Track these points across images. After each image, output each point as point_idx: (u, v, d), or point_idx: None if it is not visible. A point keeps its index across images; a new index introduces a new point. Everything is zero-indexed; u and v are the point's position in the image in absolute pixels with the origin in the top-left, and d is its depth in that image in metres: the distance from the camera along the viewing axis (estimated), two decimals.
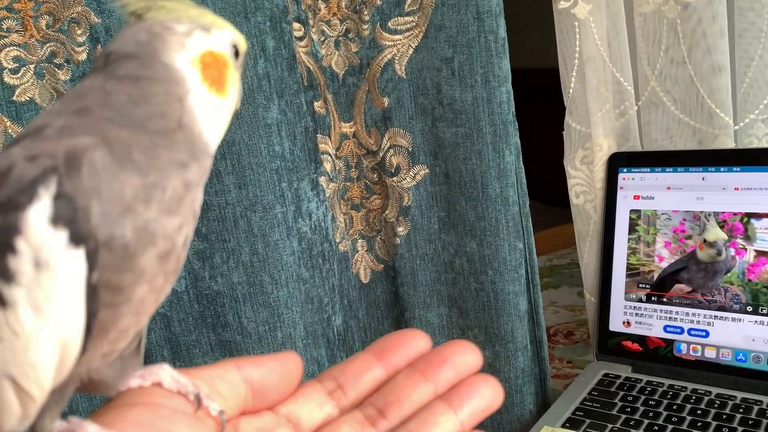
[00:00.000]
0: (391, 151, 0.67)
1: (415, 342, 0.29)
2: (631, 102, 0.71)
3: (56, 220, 0.21)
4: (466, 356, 0.28)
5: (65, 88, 0.51)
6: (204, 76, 0.25)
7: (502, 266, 0.66)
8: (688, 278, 0.67)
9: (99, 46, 0.52)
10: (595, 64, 0.69)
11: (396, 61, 0.64)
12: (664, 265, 0.69)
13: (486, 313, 0.67)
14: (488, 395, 0.27)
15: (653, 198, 0.70)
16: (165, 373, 0.27)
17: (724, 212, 0.66)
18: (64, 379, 0.23)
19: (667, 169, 0.69)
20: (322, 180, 0.63)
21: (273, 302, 0.58)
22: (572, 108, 0.71)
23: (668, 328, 0.68)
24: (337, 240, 0.67)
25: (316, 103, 0.63)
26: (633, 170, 0.71)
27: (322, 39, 0.65)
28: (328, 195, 0.65)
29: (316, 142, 0.62)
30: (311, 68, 0.63)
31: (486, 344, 0.68)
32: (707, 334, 0.65)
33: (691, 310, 0.67)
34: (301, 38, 0.61)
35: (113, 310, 0.23)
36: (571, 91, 0.71)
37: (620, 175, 0.71)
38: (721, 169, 0.66)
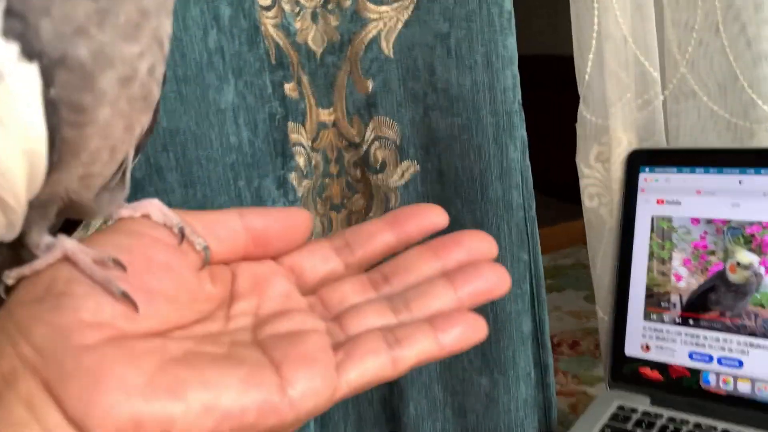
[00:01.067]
0: (376, 143, 0.57)
1: (431, 216, 0.29)
2: (656, 91, 0.61)
3: (6, 33, 0.22)
4: (482, 243, 0.29)
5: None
6: None
7: None
8: (717, 300, 0.58)
9: None
10: (615, 45, 0.59)
11: (382, 38, 0.54)
12: (682, 284, 0.59)
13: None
14: (492, 279, 0.27)
15: (680, 203, 0.60)
16: (153, 206, 0.27)
17: (752, 223, 0.56)
18: (43, 195, 0.25)
19: (698, 170, 0.59)
20: (293, 177, 0.53)
21: None
22: (587, 96, 0.62)
23: (695, 356, 0.58)
24: None
25: (286, 85, 0.53)
26: (656, 170, 0.61)
27: (296, 10, 0.55)
28: (300, 194, 0.55)
29: (286, 131, 0.52)
30: (281, 44, 0.53)
31: (483, 371, 0.59)
32: (741, 364, 0.56)
33: (722, 335, 0.57)
34: (268, 8, 0.52)
35: (78, 130, 0.24)
36: (586, 77, 0.61)
37: (641, 176, 0.62)
38: (762, 171, 0.56)
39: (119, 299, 0.24)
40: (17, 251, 0.28)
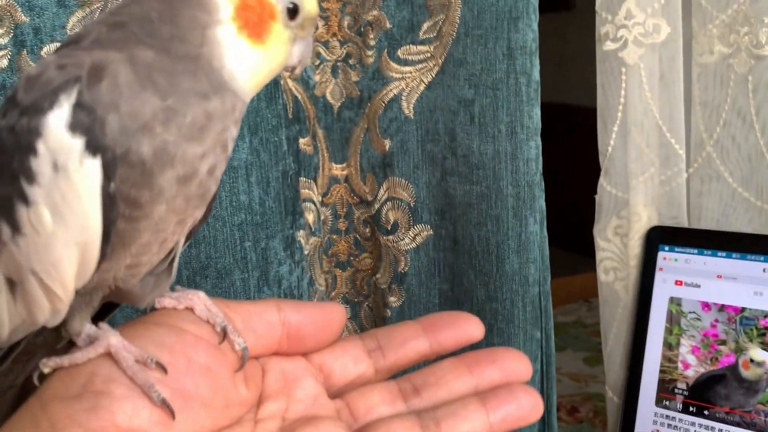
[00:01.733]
0: (389, 204, 0.55)
1: (467, 327, 0.29)
2: (680, 168, 0.59)
3: (74, 127, 0.22)
4: (517, 364, 0.28)
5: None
6: (237, 15, 0.25)
7: None
8: (727, 394, 0.55)
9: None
10: (641, 119, 0.58)
11: (403, 98, 0.52)
12: (690, 373, 0.57)
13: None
14: (526, 406, 0.26)
15: (699, 286, 0.58)
16: (199, 299, 0.27)
17: (766, 315, 0.54)
18: (90, 283, 0.25)
19: (720, 253, 0.57)
20: (300, 235, 0.51)
21: None
22: (609, 168, 0.60)
23: None
24: None
25: (301, 140, 0.51)
26: (676, 249, 0.59)
27: (316, 62, 0.53)
28: (306, 253, 0.53)
29: (297, 188, 0.50)
30: (299, 98, 0.51)
31: None
32: None
33: (735, 430, 0.54)
34: None
35: (132, 224, 0.24)
36: (609, 149, 0.59)
37: (660, 254, 0.59)
38: None
39: (157, 406, 0.23)
40: (56, 332, 0.27)
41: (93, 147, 0.22)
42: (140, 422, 0.23)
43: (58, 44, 0.40)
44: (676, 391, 0.57)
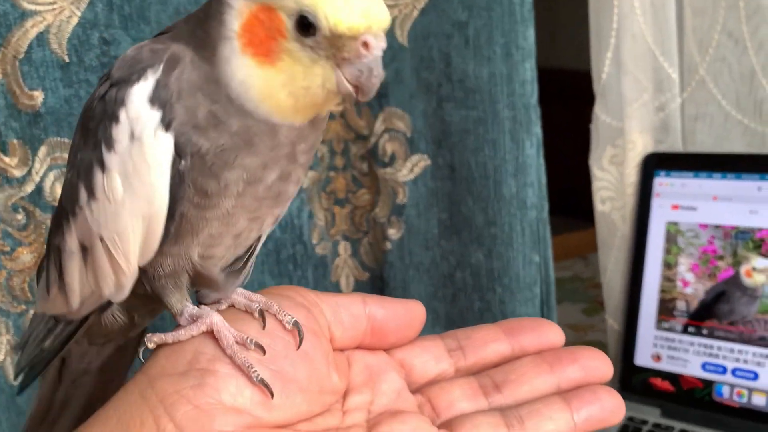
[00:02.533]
0: (386, 136, 0.55)
1: (549, 333, 0.29)
2: (674, 93, 0.59)
3: (153, 100, 0.23)
4: (599, 363, 0.28)
5: None
6: (244, 31, 0.24)
7: (514, 283, 0.54)
8: (729, 308, 0.56)
9: None
10: (634, 45, 0.58)
11: (397, 25, 0.52)
12: (690, 291, 0.57)
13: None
14: (609, 407, 0.26)
15: (695, 209, 0.58)
16: (237, 295, 0.28)
17: (761, 229, 0.54)
18: (167, 266, 0.26)
19: (715, 175, 0.57)
20: None
21: None
22: (603, 97, 0.60)
23: (708, 366, 0.56)
24: (314, 241, 0.55)
25: None
26: (672, 174, 0.59)
27: None
28: (305, 186, 0.53)
29: None
30: None
31: None
32: (756, 377, 0.54)
33: (737, 346, 0.55)
34: None
35: (201, 212, 0.25)
36: (603, 76, 0.59)
37: (656, 180, 0.60)
38: None
39: (257, 386, 0.24)
40: (130, 319, 0.28)
41: (167, 122, 0.23)
42: (243, 401, 0.24)
43: None
44: (675, 312, 0.58)
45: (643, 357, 0.59)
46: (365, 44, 0.23)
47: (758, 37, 0.56)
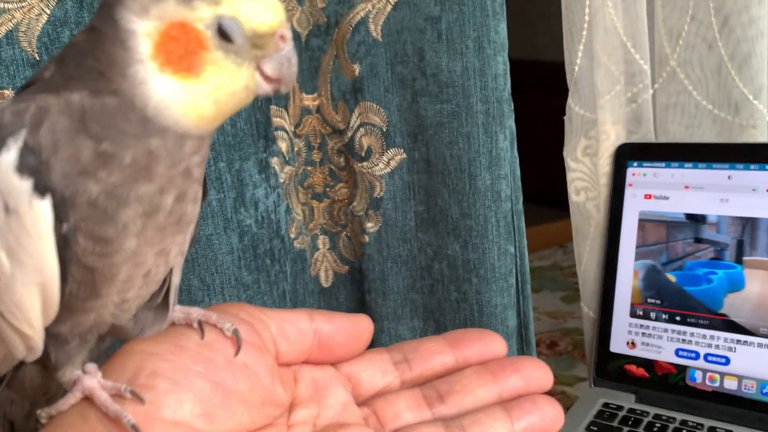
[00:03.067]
0: (362, 130, 0.55)
1: (492, 343, 0.30)
2: (646, 84, 0.60)
3: (21, 169, 0.22)
4: (540, 373, 0.28)
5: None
6: (157, 51, 0.23)
7: (490, 274, 0.55)
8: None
9: None
10: (606, 37, 0.58)
11: (370, 20, 0.52)
12: None
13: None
14: (549, 416, 0.27)
15: (668, 198, 0.59)
16: (175, 312, 0.28)
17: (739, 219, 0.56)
18: (87, 323, 0.26)
19: (686, 165, 0.59)
20: (275, 162, 0.51)
21: None
22: (576, 89, 0.61)
23: (681, 352, 0.57)
24: (293, 236, 0.55)
25: None
26: (645, 164, 0.60)
27: None
28: (282, 180, 0.53)
29: (269, 114, 0.50)
30: None
31: None
32: (727, 361, 0.55)
33: (708, 332, 0.56)
34: None
35: (107, 260, 0.24)
36: (576, 68, 0.60)
37: (629, 170, 0.61)
38: (752, 166, 0.56)
39: (130, 431, 0.24)
40: (45, 371, 0.28)
41: (41, 188, 0.23)
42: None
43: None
44: (649, 301, 0.59)
45: (618, 344, 0.60)
46: (282, 37, 0.24)
47: (727, 29, 0.57)
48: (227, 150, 0.45)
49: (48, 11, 0.41)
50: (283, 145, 0.53)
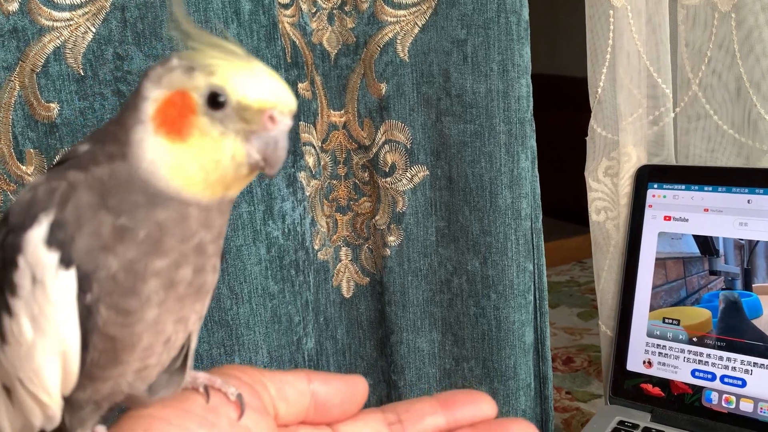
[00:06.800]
0: (386, 147, 0.57)
1: (482, 405, 0.31)
2: (668, 107, 0.61)
3: (50, 242, 0.24)
4: None
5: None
6: (158, 113, 0.25)
7: (508, 290, 0.56)
8: (722, 319, 0.58)
9: None
10: (629, 61, 0.59)
11: (398, 41, 0.54)
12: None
13: (485, 343, 0.57)
14: None
15: (687, 220, 0.60)
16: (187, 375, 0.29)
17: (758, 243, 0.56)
18: (105, 390, 0.26)
19: (706, 188, 0.59)
20: (302, 176, 0.53)
21: (231, 320, 0.48)
22: (599, 111, 0.62)
23: (697, 373, 0.58)
24: (317, 247, 0.57)
25: (300, 85, 0.53)
26: (665, 186, 0.61)
27: (313, 10, 0.55)
28: (308, 194, 0.55)
29: (297, 130, 0.52)
30: (297, 43, 0.53)
31: (483, 379, 0.58)
32: (744, 384, 0.56)
33: (725, 354, 0.57)
34: (286, 6, 0.51)
35: (129, 329, 0.25)
36: (599, 91, 0.61)
37: (650, 191, 0.62)
38: None
39: None
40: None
41: (67, 261, 0.24)
42: None
43: None
44: (666, 321, 0.60)
45: (634, 363, 0.61)
46: (271, 118, 0.24)
47: (749, 54, 0.57)
48: None
49: (93, 29, 0.43)
50: (310, 160, 0.55)
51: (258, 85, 0.24)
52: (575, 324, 1.16)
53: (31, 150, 0.44)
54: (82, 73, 0.44)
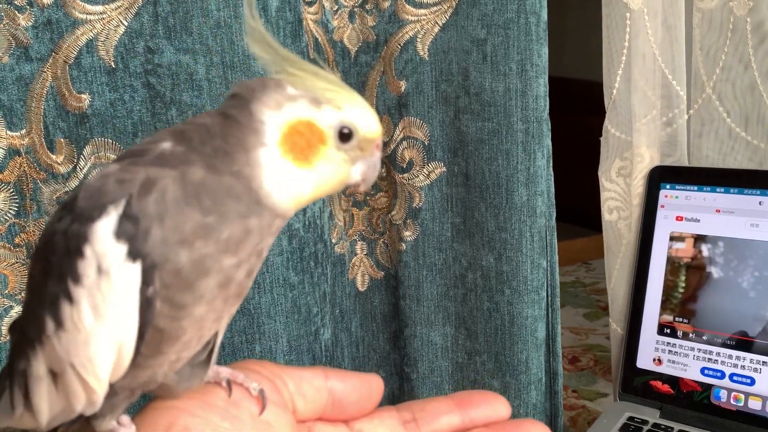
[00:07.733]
0: (404, 143, 0.58)
1: (496, 405, 0.32)
2: (681, 109, 0.62)
3: (119, 234, 0.24)
4: None
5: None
6: (285, 140, 0.26)
7: (522, 286, 0.57)
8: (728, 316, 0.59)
9: None
10: (644, 63, 0.60)
11: (418, 40, 0.55)
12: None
13: (498, 337, 0.58)
14: None
15: (699, 221, 0.61)
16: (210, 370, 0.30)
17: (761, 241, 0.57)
18: (143, 378, 0.27)
19: (718, 189, 0.60)
20: None
21: (253, 310, 0.49)
22: (613, 112, 0.63)
23: (706, 371, 0.59)
24: (334, 241, 0.58)
25: None
26: (677, 187, 0.62)
27: (334, 8, 0.56)
28: None
29: None
30: (320, 40, 0.54)
31: (495, 374, 0.59)
32: (752, 382, 0.57)
33: (735, 353, 0.58)
34: (310, 3, 0.53)
35: (177, 323, 0.26)
36: (614, 92, 0.62)
37: (662, 192, 0.63)
38: None
39: None
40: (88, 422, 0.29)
41: (134, 254, 0.24)
42: None
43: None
44: (677, 319, 0.61)
45: (644, 360, 0.62)
46: (378, 145, 0.29)
47: (764, 58, 0.58)
48: None
49: (125, 23, 0.44)
50: None
51: (371, 119, 0.28)
52: (581, 324, 1.17)
53: (62, 139, 0.46)
54: (113, 66, 0.45)
